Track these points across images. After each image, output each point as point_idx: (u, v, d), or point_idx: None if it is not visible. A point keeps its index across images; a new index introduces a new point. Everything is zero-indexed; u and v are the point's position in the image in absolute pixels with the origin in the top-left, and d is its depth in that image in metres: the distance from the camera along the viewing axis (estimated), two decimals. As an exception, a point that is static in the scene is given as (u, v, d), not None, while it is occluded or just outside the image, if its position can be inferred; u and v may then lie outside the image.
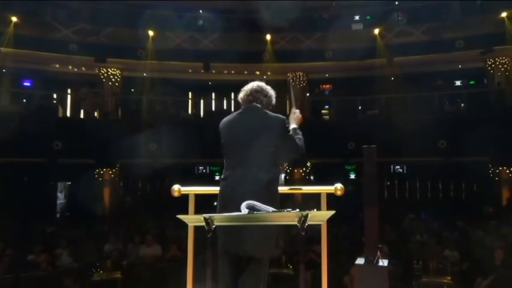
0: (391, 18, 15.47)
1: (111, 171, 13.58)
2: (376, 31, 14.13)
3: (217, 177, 15.52)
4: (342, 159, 13.73)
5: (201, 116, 15.86)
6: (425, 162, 13.75)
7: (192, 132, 12.39)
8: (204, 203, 2.95)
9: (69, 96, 14.63)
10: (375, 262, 3.67)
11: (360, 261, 3.78)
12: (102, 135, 12.80)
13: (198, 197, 2.89)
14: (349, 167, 14.50)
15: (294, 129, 2.76)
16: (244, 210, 2.27)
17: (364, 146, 3.98)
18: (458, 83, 15.31)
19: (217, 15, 15.01)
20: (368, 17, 15.90)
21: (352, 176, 14.70)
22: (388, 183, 15.04)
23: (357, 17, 15.94)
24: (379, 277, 3.62)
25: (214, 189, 2.74)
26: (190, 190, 2.80)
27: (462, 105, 14.25)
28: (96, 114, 14.53)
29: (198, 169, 14.95)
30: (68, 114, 14.29)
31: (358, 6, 15.37)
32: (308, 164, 14.06)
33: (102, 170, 13.51)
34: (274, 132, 2.60)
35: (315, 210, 2.34)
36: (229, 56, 14.31)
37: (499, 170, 12.68)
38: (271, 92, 2.84)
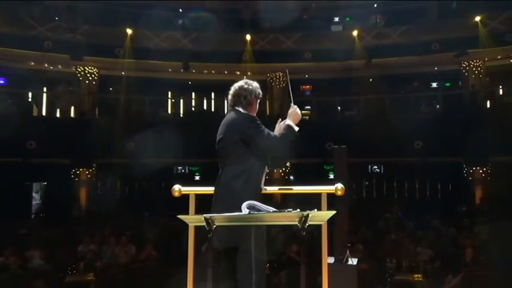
0: (370, 20, 15.68)
1: (88, 171, 13.36)
2: (355, 33, 14.28)
3: (197, 177, 15.50)
4: (321, 159, 13.84)
5: (181, 115, 15.75)
6: (402, 162, 13.98)
7: (171, 131, 12.26)
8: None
9: (44, 95, 14.34)
10: (344, 261, 3.72)
11: (330, 260, 3.82)
12: (78, 134, 12.61)
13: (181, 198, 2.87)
14: (328, 167, 14.61)
15: (287, 126, 2.72)
16: (244, 210, 2.28)
17: (334, 147, 4.02)
18: (434, 84, 15.62)
19: (197, 14, 14.93)
20: (347, 19, 16.08)
21: (332, 176, 14.80)
22: (367, 183, 15.23)
23: (336, 19, 16.11)
24: (348, 276, 3.66)
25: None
26: (190, 190, 2.81)
27: (438, 106, 14.54)
28: (72, 113, 14.27)
29: (177, 169, 14.81)
30: (44, 113, 14.00)
31: (337, 8, 15.52)
32: (288, 164, 14.11)
33: (79, 170, 13.29)
34: (238, 129, 2.63)
35: (316, 210, 2.34)
36: (209, 55, 14.28)
37: (473, 170, 12.98)
38: (251, 88, 2.80)
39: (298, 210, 2.24)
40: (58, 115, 14.19)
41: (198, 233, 2.73)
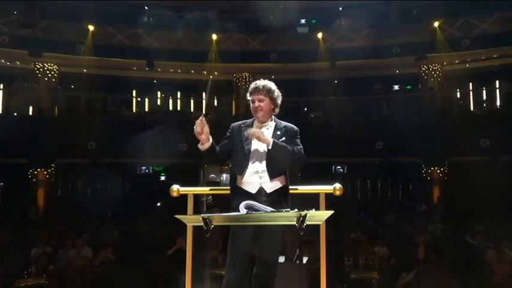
0: (335, 23, 15.92)
1: (47, 171, 12.89)
2: (320, 35, 14.48)
3: (162, 178, 15.25)
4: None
5: (145, 114, 15.46)
6: (364, 163, 14.31)
7: (135, 131, 12.02)
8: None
9: (0, 92, 13.75)
10: (294, 260, 3.76)
11: (281, 259, 3.84)
12: (36, 133, 12.19)
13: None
14: (292, 168, 14.74)
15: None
16: (242, 210, 2.33)
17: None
18: (396, 87, 16.06)
19: (162, 12, 14.71)
20: (313, 21, 16.28)
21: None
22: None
23: (302, 21, 16.27)
24: (298, 275, 3.69)
25: (213, 190, 2.81)
26: (189, 190, 2.83)
27: (399, 108, 14.94)
28: (30, 111, 13.74)
29: (141, 169, 14.57)
30: (0, 111, 13.42)
31: (304, 10, 15.67)
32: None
33: (37, 171, 12.80)
34: None
35: (314, 210, 2.39)
36: (174, 54, 14.10)
37: (431, 170, 13.44)
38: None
39: (296, 210, 2.28)
40: (15, 113, 13.62)
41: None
